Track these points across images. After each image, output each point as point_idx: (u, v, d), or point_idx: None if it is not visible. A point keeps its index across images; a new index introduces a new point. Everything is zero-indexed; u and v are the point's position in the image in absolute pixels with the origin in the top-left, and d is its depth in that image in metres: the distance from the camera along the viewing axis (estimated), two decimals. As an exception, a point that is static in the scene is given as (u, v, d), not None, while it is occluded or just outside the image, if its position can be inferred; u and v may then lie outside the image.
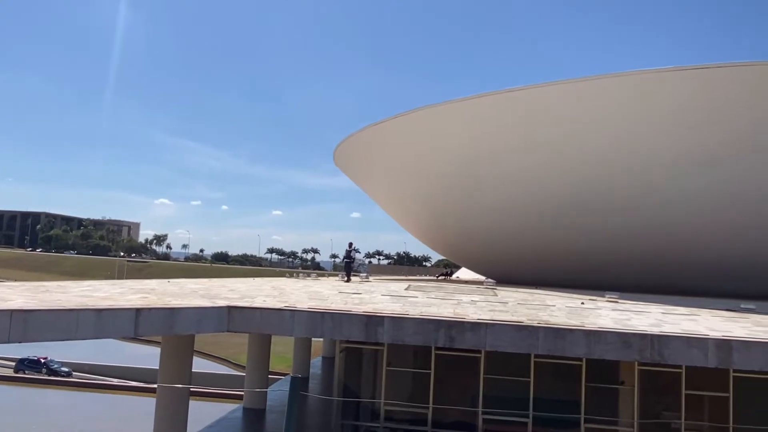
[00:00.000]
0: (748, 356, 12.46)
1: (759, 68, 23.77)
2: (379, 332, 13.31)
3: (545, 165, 27.79)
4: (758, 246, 25.37)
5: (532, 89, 27.62)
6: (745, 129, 23.65)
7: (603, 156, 26.31)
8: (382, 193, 43.98)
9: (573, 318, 14.49)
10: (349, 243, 27.81)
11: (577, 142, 26.71)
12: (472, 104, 29.76)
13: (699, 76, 24.27)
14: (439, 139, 32.00)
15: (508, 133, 28.66)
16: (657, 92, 24.77)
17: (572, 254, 29.44)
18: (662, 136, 24.94)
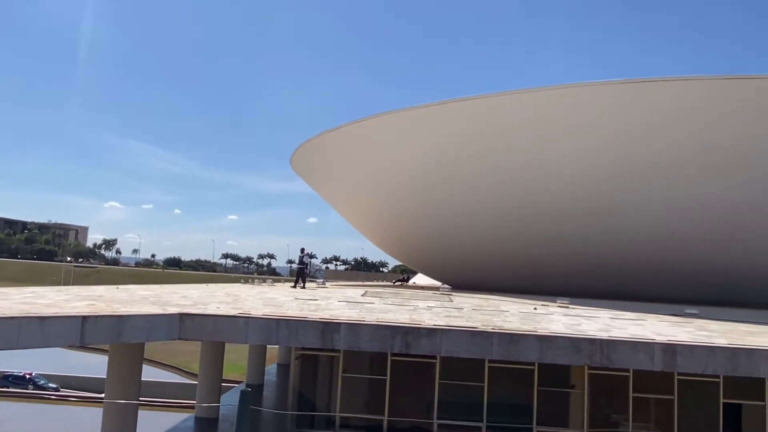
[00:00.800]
0: (692, 360, 12.95)
1: (699, 82, 24.87)
2: (336, 339, 13.24)
3: (501, 173, 28.28)
4: (700, 253, 26.43)
5: (489, 98, 28.12)
6: (689, 139, 24.64)
7: (557, 165, 26.94)
8: (339, 198, 43.88)
9: (526, 323, 14.76)
10: (302, 249, 27.66)
11: (532, 151, 27.29)
12: (431, 111, 30.07)
13: (648, 88, 25.21)
14: (396, 145, 32.19)
15: (465, 141, 29.04)
16: (608, 104, 25.60)
17: (526, 261, 30.02)
18: (612, 146, 25.75)
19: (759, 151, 24.17)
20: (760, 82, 24.97)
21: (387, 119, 31.85)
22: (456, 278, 35.52)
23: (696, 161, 24.76)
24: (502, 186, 28.51)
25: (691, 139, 24.58)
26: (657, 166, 25.17)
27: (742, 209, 25.21)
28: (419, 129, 30.50)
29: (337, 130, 34.64)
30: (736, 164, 24.54)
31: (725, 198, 25.07)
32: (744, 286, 27.65)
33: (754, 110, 23.83)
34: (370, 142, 33.61)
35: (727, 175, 24.74)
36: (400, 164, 32.60)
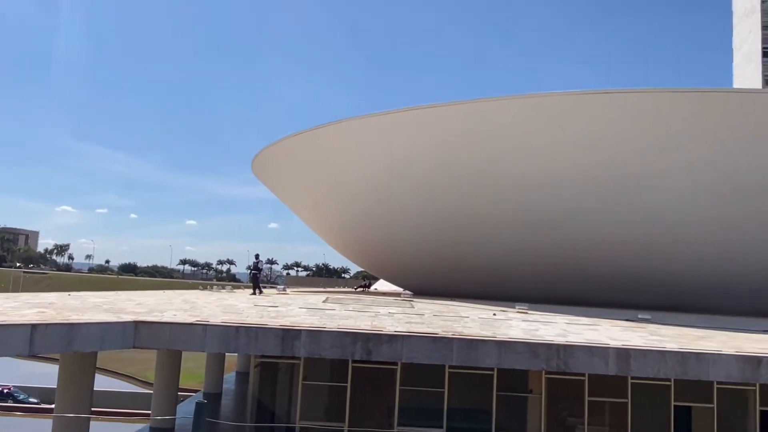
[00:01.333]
0: (645, 364, 13.34)
1: (658, 95, 25.74)
2: (296, 346, 13.13)
3: (461, 181, 28.60)
4: (653, 260, 27.27)
5: (452, 106, 28.48)
6: (645, 150, 25.45)
7: (515, 173, 27.42)
8: (300, 203, 43.60)
9: (486, 329, 14.95)
10: (256, 255, 27.39)
11: (492, 159, 27.71)
12: (393, 119, 30.23)
13: (609, 100, 25.96)
14: (358, 152, 32.22)
15: (426, 149, 29.29)
16: (568, 114, 26.24)
17: (486, 267, 30.41)
18: (571, 156, 26.37)
19: (709, 162, 25.14)
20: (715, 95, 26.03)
21: (350, 125, 31.88)
22: (417, 284, 35.68)
23: (651, 172, 25.59)
24: (462, 194, 28.84)
25: (646, 150, 25.40)
26: (614, 176, 25.93)
27: (692, 218, 26.17)
28: (382, 136, 30.63)
29: (300, 135, 34.46)
30: (688, 175, 25.48)
31: (676, 207, 25.97)
32: (694, 292, 28.66)
33: (709, 123, 24.81)
34: (333, 148, 33.55)
35: (679, 185, 25.67)
36: (362, 170, 32.65)
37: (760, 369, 13.53)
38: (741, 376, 13.59)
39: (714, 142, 24.94)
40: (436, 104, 28.86)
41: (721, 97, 25.84)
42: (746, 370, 13.55)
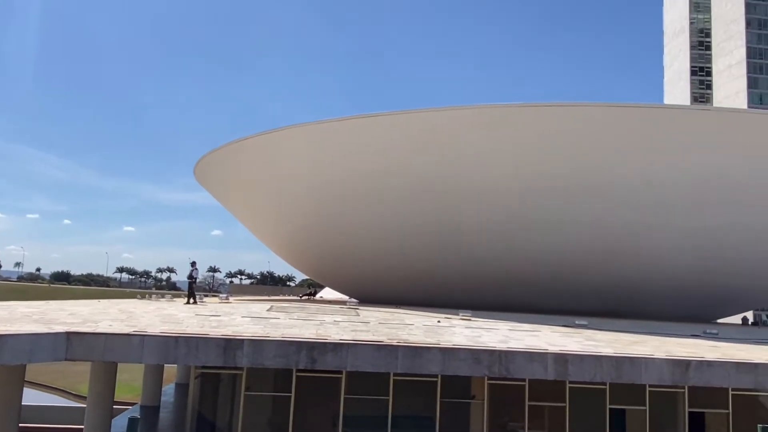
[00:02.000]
0: (582, 368, 13.78)
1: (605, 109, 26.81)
2: (238, 356, 12.86)
3: (406, 189, 28.85)
4: (590, 268, 28.29)
5: (396, 115, 28.74)
6: (587, 162, 26.42)
7: (461, 183, 27.90)
8: (245, 210, 42.88)
9: (430, 336, 15.09)
10: (192, 262, 26.75)
11: (438, 168, 28.10)
12: (336, 126, 30.25)
13: (557, 113, 26.86)
14: (303, 159, 32.01)
15: (371, 157, 29.42)
16: (513, 126, 26.97)
17: (430, 275, 30.74)
18: (511, 166, 27.07)
19: (640, 174, 26.34)
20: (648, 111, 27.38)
21: (294, 132, 31.65)
22: (363, 292, 35.68)
23: (589, 183, 26.60)
24: (406, 202, 29.09)
25: (588, 162, 26.38)
26: (556, 187, 26.80)
27: (622, 228, 27.34)
28: (325, 143, 30.55)
29: (244, 141, 33.95)
30: (620, 186, 26.62)
31: (609, 218, 27.06)
32: (627, 298, 29.89)
33: (639, 137, 26.01)
34: (277, 155, 33.20)
35: (615, 196, 26.78)
36: (309, 178, 32.44)
37: (688, 372, 14.21)
38: (671, 379, 14.23)
39: (644, 155, 26.18)
40: (384, 113, 29.14)
41: (653, 112, 27.24)
42: (676, 374, 14.20)
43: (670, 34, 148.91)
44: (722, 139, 26.42)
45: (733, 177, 26.56)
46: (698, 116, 29.45)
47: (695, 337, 19.77)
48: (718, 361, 14.34)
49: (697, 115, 29.98)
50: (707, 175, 26.34)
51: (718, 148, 26.29)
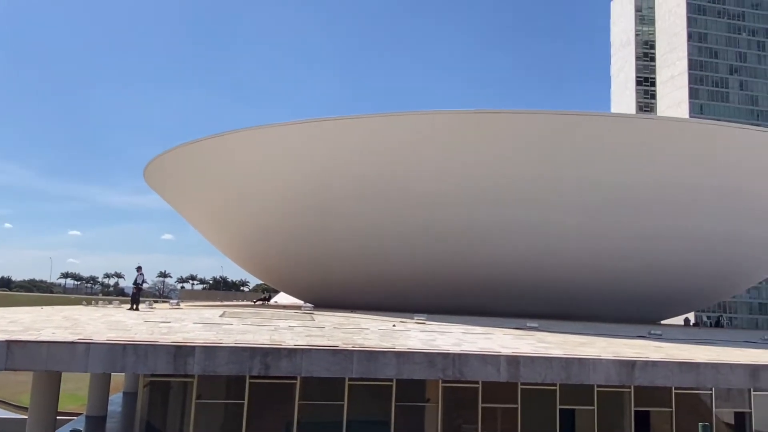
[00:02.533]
0: (533, 370, 14.09)
1: (545, 116, 27.51)
2: (189, 363, 12.59)
3: (361, 194, 28.91)
4: (540, 271, 28.96)
5: (354, 120, 28.90)
6: (534, 167, 27.07)
7: (415, 188, 28.13)
8: (197, 214, 42.00)
9: (385, 340, 15.13)
10: (138, 267, 26.04)
11: (392, 173, 28.27)
12: (294, 130, 30.07)
13: (501, 119, 27.46)
14: (259, 162, 31.65)
15: (328, 161, 29.35)
16: (464, 132, 27.41)
17: (385, 279, 30.82)
18: (461, 171, 27.48)
19: (587, 180, 27.18)
20: (593, 118, 28.29)
21: (251, 135, 31.27)
22: (319, 297, 35.48)
23: (538, 188, 27.28)
24: (362, 206, 29.14)
25: (537, 168, 27.05)
26: (506, 192, 27.39)
27: (574, 232, 28.13)
28: (280, 147, 30.30)
29: (198, 143, 33.30)
30: (571, 192, 27.40)
31: (561, 222, 27.80)
32: (576, 300, 30.73)
33: (586, 143, 26.88)
34: (233, 158, 32.71)
35: (563, 201, 27.54)
36: (263, 182, 32.07)
37: (634, 372, 14.71)
38: (618, 379, 14.71)
39: (591, 161, 27.05)
40: (337, 117, 29.16)
41: (599, 120, 28.27)
42: (622, 374, 14.69)
43: (617, 46, 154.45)
44: (665, 146, 27.54)
45: (675, 183, 27.71)
46: (642, 124, 30.66)
47: (641, 338, 20.48)
48: (662, 361, 14.90)
49: (640, 124, 31.22)
50: (650, 180, 27.40)
51: (661, 155, 27.39)
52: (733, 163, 28.32)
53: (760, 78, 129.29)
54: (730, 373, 15.32)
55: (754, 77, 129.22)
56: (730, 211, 29.17)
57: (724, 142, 28.86)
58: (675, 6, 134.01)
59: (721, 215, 29.03)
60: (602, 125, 28.04)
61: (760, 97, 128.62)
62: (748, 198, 29.40)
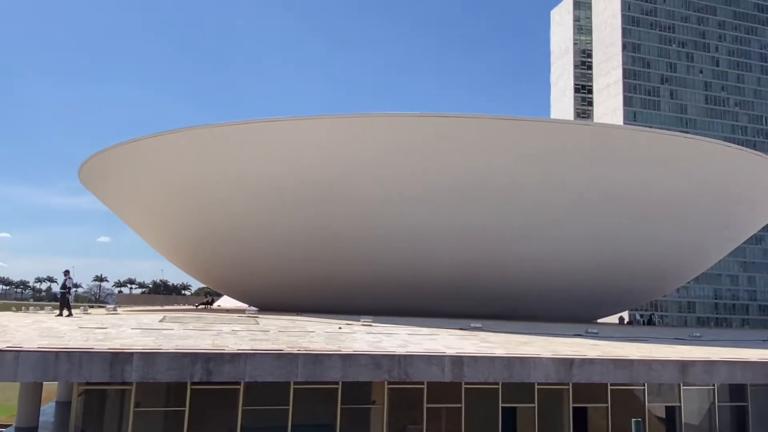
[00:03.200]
0: (476, 369, 14.37)
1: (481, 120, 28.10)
2: (127, 370, 12.18)
3: (304, 195, 28.69)
4: (480, 271, 29.57)
5: (292, 121, 28.70)
6: (475, 170, 27.61)
7: (358, 190, 28.19)
8: (136, 216, 40.64)
9: (331, 343, 15.08)
10: (66, 271, 24.97)
11: (333, 174, 28.22)
12: (233, 130, 29.62)
13: (442, 123, 27.88)
14: (198, 163, 30.90)
15: (269, 162, 29.02)
16: (406, 134, 27.67)
17: (331, 281, 30.70)
18: (408, 174, 27.76)
19: (528, 184, 27.97)
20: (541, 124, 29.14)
21: (192, 134, 30.52)
22: (263, 300, 34.96)
23: (479, 189, 27.86)
24: (305, 208, 28.94)
25: (477, 170, 27.61)
26: (448, 193, 27.82)
27: (513, 233, 28.87)
28: (222, 147, 29.74)
29: (137, 142, 32.23)
30: (510, 194, 28.13)
31: (500, 223, 28.48)
32: (517, 301, 31.53)
33: (523, 148, 27.65)
34: (173, 158, 31.84)
35: (503, 204, 28.24)
36: (202, 183, 31.32)
37: (572, 369, 15.23)
38: (557, 376, 15.18)
39: (531, 164, 27.83)
40: (282, 118, 28.93)
41: (538, 125, 29.19)
42: (561, 371, 15.17)
43: (557, 54, 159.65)
44: (601, 151, 28.68)
45: (608, 187, 28.88)
46: (579, 130, 31.86)
47: (578, 337, 21.19)
48: (599, 358, 15.49)
49: (578, 129, 32.40)
50: (584, 184, 28.46)
51: (597, 159, 28.50)
52: (662, 171, 29.76)
53: (689, 88, 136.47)
54: (661, 369, 16.09)
55: (684, 87, 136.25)
56: (658, 216, 30.63)
57: (652, 149, 30.27)
58: (611, 17, 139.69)
59: (650, 220, 30.45)
60: (540, 130, 28.92)
61: (689, 105, 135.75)
62: (675, 205, 30.94)
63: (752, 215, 37.38)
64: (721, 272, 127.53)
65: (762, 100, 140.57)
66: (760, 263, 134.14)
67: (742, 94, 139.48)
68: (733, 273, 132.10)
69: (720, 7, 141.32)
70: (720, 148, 33.39)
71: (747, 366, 16.86)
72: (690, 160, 30.68)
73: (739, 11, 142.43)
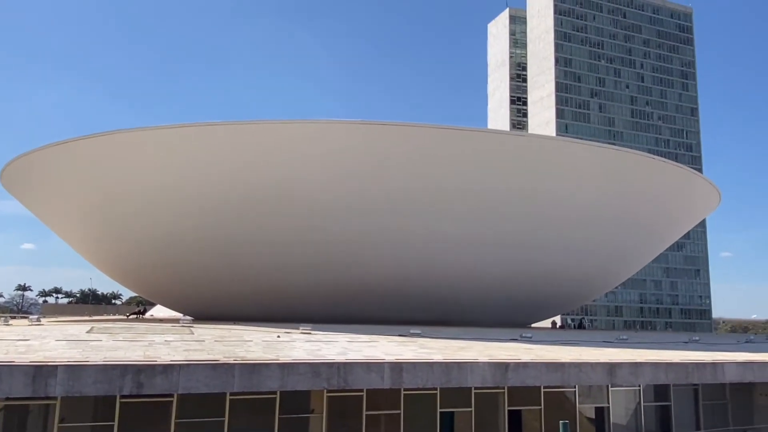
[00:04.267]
0: (415, 375, 14.47)
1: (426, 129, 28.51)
2: (51, 384, 11.56)
3: (240, 201, 28.24)
4: (417, 278, 29.91)
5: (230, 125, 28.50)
6: (416, 178, 27.94)
7: (296, 196, 27.96)
8: (63, 222, 38.69)
9: (269, 352, 14.83)
10: None
11: (273, 181, 27.91)
12: (167, 134, 28.88)
13: (383, 131, 28.09)
14: (130, 167, 29.83)
15: (204, 167, 28.41)
16: (350, 141, 27.73)
17: (269, 288, 30.25)
18: (351, 180, 27.79)
19: (462, 192, 28.57)
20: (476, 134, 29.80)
21: (123, 138, 29.44)
22: (199, 308, 34.02)
23: (414, 198, 28.19)
24: (242, 214, 28.47)
25: (412, 179, 27.97)
26: (384, 202, 28.05)
27: (449, 241, 29.38)
28: (155, 151, 28.85)
29: (65, 145, 30.77)
30: (445, 202, 28.62)
31: (437, 231, 28.93)
32: (456, 306, 32.07)
33: (464, 158, 28.21)
34: (104, 162, 30.56)
35: (438, 212, 28.68)
36: (134, 188, 30.22)
37: (507, 373, 15.60)
38: (493, 380, 15.51)
39: (465, 172, 28.47)
40: (217, 122, 28.44)
41: (475, 136, 29.93)
42: (497, 375, 15.51)
43: (494, 66, 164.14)
44: (533, 161, 29.66)
45: (542, 195, 29.89)
46: (512, 140, 32.87)
47: (513, 341, 21.75)
48: (532, 362, 15.93)
49: (511, 140, 33.43)
50: (519, 192, 29.38)
51: (529, 169, 29.45)
52: (591, 182, 31.09)
53: (617, 102, 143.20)
54: (591, 372, 16.72)
55: (612, 101, 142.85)
56: (586, 224, 31.97)
57: (582, 160, 31.57)
58: (544, 32, 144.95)
59: (579, 228, 31.74)
60: (474, 140, 29.62)
61: (617, 119, 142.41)
62: (602, 213, 32.38)
63: (674, 223, 39.62)
64: (646, 277, 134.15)
65: (683, 114, 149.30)
66: (682, 269, 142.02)
67: (665, 109, 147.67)
68: (656, 278, 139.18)
69: (645, 26, 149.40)
70: (645, 160, 35.25)
71: (670, 367, 17.77)
72: (617, 171, 32.19)
73: (662, 30, 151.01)
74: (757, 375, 18.85)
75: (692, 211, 40.79)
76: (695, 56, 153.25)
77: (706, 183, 37.76)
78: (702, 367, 18.16)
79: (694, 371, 18.09)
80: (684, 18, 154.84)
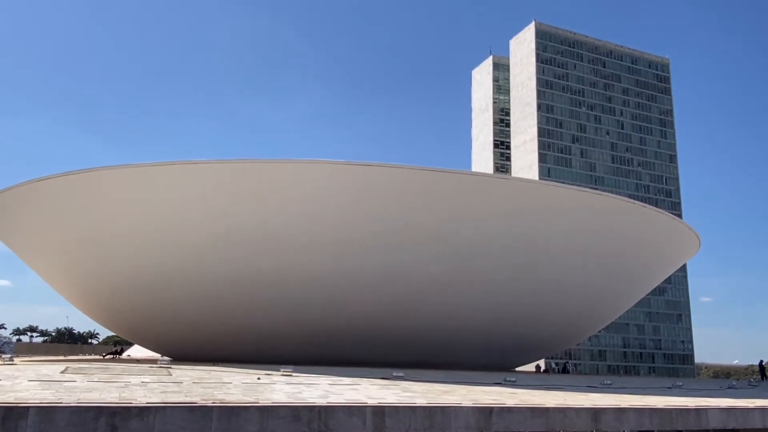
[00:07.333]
0: (398, 420, 14.18)
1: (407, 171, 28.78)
2: (21, 427, 11.12)
3: (220, 240, 28.04)
4: (400, 319, 29.69)
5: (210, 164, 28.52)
6: (397, 216, 28.06)
7: (277, 235, 27.84)
8: (39, 258, 38.03)
9: (249, 395, 14.50)
10: None
11: (253, 220, 27.83)
12: (151, 172, 28.78)
13: (367, 172, 28.30)
14: (108, 205, 29.59)
15: (184, 206, 28.32)
16: (328, 180, 27.88)
17: (249, 330, 29.78)
18: (330, 219, 27.81)
19: (446, 234, 28.70)
20: (460, 176, 30.11)
21: (105, 175, 29.30)
22: (177, 350, 33.30)
23: (402, 239, 28.23)
24: (221, 253, 28.24)
25: (396, 219, 28.09)
26: (369, 241, 28.06)
27: (433, 283, 29.33)
28: (135, 190, 28.71)
29: (45, 181, 30.51)
30: (429, 244, 28.68)
31: (420, 273, 28.88)
32: (439, 349, 31.75)
33: (445, 199, 28.45)
34: (84, 200, 30.30)
35: (422, 253, 28.71)
36: (112, 226, 29.90)
37: (492, 417, 15.34)
38: (477, 425, 15.23)
39: (449, 216, 28.65)
40: (199, 161, 28.51)
41: (456, 178, 30.27)
42: (481, 420, 15.25)
43: (477, 111, 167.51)
44: (518, 204, 29.98)
45: (527, 237, 30.09)
46: (497, 183, 33.25)
47: (498, 385, 21.49)
48: (516, 407, 15.71)
49: (496, 183, 33.83)
50: (504, 234, 29.54)
51: (515, 212, 29.74)
52: (575, 225, 31.42)
53: (597, 147, 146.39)
54: (575, 417, 16.51)
55: (593, 146, 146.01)
56: (571, 267, 32.14)
57: (567, 204, 32.00)
58: (527, 79, 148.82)
59: (564, 271, 31.89)
60: (459, 182, 29.94)
61: (598, 164, 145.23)
62: (586, 257, 32.62)
63: (656, 267, 40.00)
64: (629, 321, 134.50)
65: (662, 161, 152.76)
66: (664, 313, 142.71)
67: (645, 155, 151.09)
68: (639, 322, 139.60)
69: (624, 75, 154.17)
70: (627, 205, 35.83)
71: (654, 412, 17.63)
72: (600, 215, 32.63)
73: (641, 80, 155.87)
74: (740, 421, 18.77)
75: (673, 256, 41.28)
76: (673, 105, 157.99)
77: (686, 228, 38.36)
78: (686, 413, 18.05)
79: (678, 417, 17.97)
80: (661, 68, 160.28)
